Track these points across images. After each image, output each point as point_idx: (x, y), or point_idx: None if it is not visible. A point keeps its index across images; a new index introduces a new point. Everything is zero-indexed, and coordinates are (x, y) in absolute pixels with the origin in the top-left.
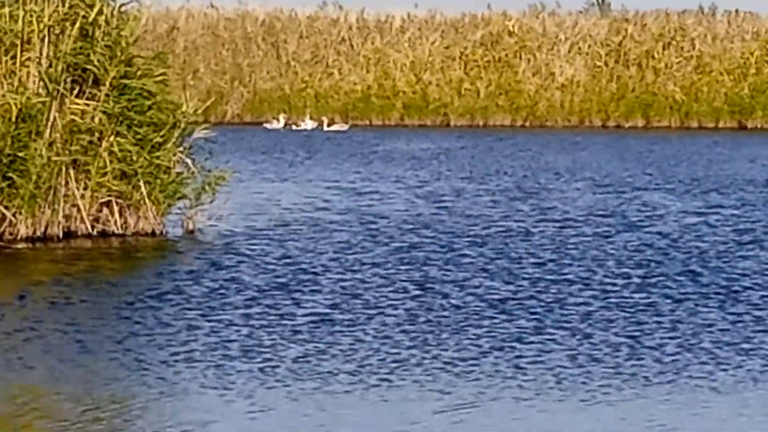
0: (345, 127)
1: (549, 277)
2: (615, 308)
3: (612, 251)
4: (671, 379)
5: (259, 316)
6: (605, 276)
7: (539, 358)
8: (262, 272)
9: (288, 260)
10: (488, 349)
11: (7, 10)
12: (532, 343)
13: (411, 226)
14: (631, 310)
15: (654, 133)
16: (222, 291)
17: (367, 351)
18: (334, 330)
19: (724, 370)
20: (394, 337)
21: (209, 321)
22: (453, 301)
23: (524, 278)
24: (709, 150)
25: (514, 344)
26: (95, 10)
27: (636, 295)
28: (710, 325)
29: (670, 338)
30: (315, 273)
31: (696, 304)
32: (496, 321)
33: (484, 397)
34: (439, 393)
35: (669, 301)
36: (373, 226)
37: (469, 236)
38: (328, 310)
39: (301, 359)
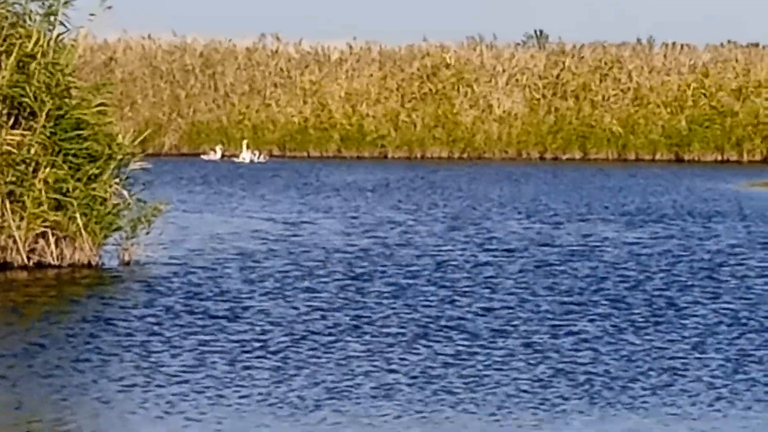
0: (262, 159)
1: (482, 305)
2: (548, 336)
3: (549, 280)
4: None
5: (191, 347)
6: (538, 304)
7: (474, 383)
8: (196, 304)
9: (221, 292)
10: (417, 374)
11: None
12: (467, 367)
13: (346, 257)
14: (566, 336)
15: (591, 165)
16: (156, 322)
17: (295, 378)
18: (263, 357)
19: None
20: (323, 365)
21: (140, 355)
22: (384, 329)
23: (459, 306)
24: (646, 181)
25: (444, 370)
26: (32, 41)
27: (572, 323)
28: (635, 352)
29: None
30: (247, 305)
31: (622, 331)
32: (427, 347)
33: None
34: (363, 418)
35: (601, 328)
36: (307, 258)
37: (404, 266)
38: (257, 339)
39: (229, 385)
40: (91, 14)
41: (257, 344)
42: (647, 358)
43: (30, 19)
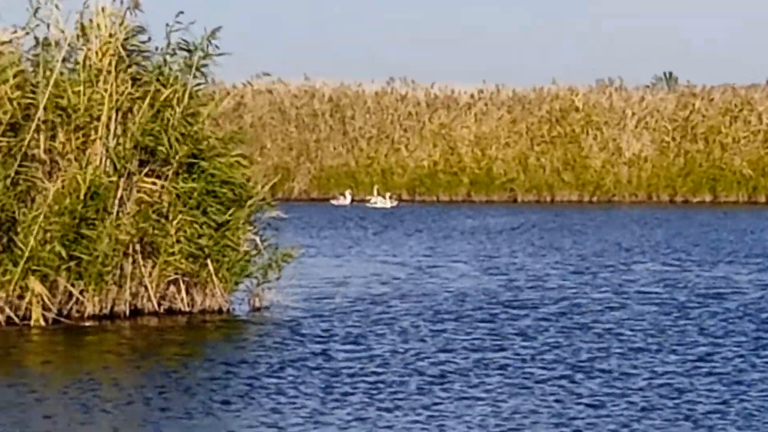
0: (391, 203)
1: (617, 345)
2: (684, 376)
3: (683, 322)
4: None
5: (322, 391)
6: (676, 346)
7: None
8: (327, 348)
9: (352, 336)
10: (555, 415)
11: (80, 88)
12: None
13: (477, 300)
14: (703, 377)
15: (722, 208)
16: (288, 366)
17: (429, 418)
18: (397, 399)
19: None
20: (464, 406)
21: (274, 399)
22: (528, 371)
23: (597, 349)
24: None
25: (588, 411)
26: (167, 90)
27: (714, 363)
28: None
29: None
30: (378, 350)
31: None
32: (565, 390)
33: None
34: None
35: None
36: (437, 301)
37: (538, 310)
38: (389, 382)
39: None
40: (265, 73)
41: (389, 388)
42: None
43: (170, 69)
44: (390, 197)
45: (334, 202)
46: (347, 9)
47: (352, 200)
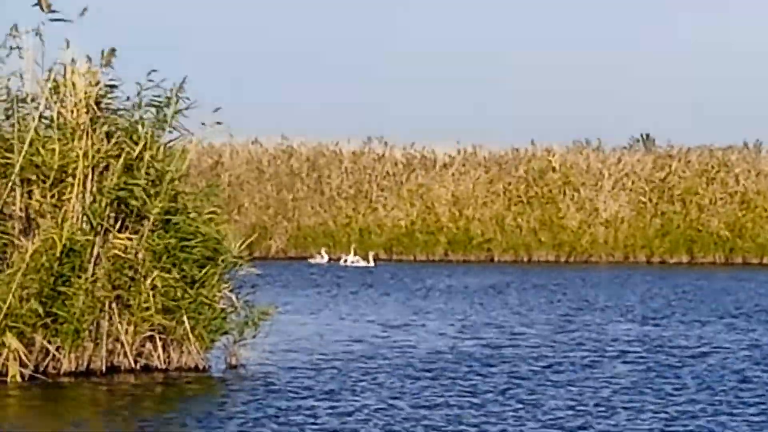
0: (366, 263)
1: (597, 402)
2: None
3: (661, 381)
4: None
5: None
6: (653, 404)
7: None
8: (303, 406)
9: (330, 400)
10: None
11: (55, 146)
12: None
13: (451, 359)
14: None
15: (699, 269)
16: (264, 425)
17: None
18: None
19: None
20: None
21: None
22: (503, 428)
23: (573, 407)
24: (758, 285)
25: None
26: (140, 146)
27: (689, 423)
28: None
29: None
30: (354, 408)
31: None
32: None
33: None
34: None
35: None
36: (413, 360)
37: (514, 368)
38: None
39: None
40: (203, 123)
41: None
42: None
43: (142, 126)
44: (369, 257)
45: (311, 260)
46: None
47: (330, 259)
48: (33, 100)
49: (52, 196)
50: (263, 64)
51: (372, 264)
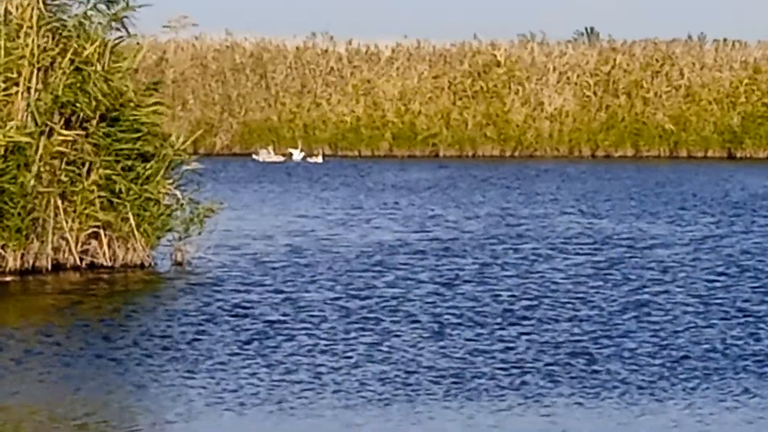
0: (318, 160)
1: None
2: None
3: (606, 272)
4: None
5: (242, 345)
6: (592, 299)
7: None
8: (248, 302)
9: (274, 293)
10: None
11: (0, 43)
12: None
13: (398, 254)
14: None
15: (643, 163)
16: (208, 321)
17: (345, 371)
18: (313, 354)
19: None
20: (378, 361)
21: (196, 351)
22: (437, 313)
23: (521, 297)
24: (698, 178)
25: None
26: (89, 46)
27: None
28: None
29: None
30: (299, 304)
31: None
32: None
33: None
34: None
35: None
36: (358, 255)
37: (458, 260)
38: (309, 335)
39: (294, 392)
40: (165, 26)
41: (308, 341)
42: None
43: (90, 24)
44: (317, 152)
45: (255, 156)
46: None
47: (276, 155)
48: None
49: None
50: None
51: (320, 160)
